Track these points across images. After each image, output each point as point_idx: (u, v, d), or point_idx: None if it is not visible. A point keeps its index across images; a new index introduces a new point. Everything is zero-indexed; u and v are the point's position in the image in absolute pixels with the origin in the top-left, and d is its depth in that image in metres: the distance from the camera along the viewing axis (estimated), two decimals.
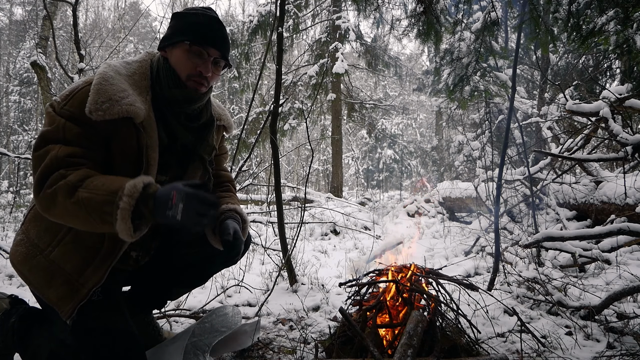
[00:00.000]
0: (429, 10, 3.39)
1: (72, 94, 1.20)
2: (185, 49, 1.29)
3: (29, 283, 1.26)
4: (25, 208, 7.74)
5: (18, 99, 20.75)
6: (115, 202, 1.06)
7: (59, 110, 1.19)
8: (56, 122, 1.17)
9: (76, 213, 1.10)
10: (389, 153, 18.01)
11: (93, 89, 1.18)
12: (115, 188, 1.08)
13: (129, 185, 1.07)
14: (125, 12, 22.52)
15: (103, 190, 1.08)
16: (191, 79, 1.31)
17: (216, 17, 1.35)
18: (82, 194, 1.08)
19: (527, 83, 10.08)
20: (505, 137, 2.74)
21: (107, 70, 1.24)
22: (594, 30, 2.82)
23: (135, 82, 1.28)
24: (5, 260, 3.20)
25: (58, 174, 1.12)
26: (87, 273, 1.22)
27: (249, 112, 3.61)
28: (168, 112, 1.32)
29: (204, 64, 1.31)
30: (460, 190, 6.36)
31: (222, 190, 1.63)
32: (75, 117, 1.17)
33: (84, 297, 1.20)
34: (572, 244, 2.97)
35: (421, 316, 1.50)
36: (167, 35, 1.34)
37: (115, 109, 1.17)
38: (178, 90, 1.30)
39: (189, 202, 1.06)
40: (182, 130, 1.35)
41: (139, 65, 1.33)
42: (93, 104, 1.16)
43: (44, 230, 1.27)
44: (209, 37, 1.30)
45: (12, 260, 1.31)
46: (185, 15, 1.34)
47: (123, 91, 1.21)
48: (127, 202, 1.06)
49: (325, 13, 10.97)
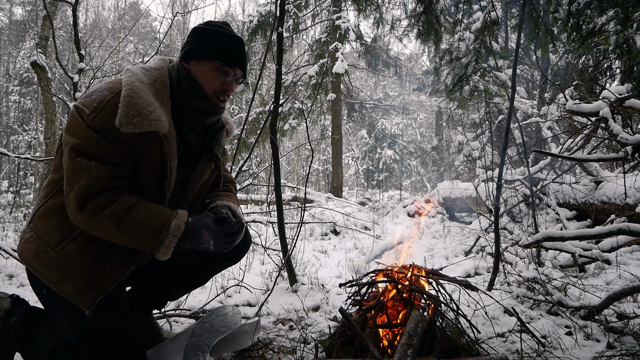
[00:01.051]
0: (428, 10, 3.40)
1: (101, 105, 1.21)
2: (215, 67, 1.35)
3: (44, 278, 1.26)
4: (25, 208, 7.73)
5: (18, 99, 20.75)
6: (160, 238, 1.23)
7: (89, 122, 1.20)
8: (87, 136, 1.20)
9: (119, 239, 1.24)
10: (389, 153, 18.01)
11: (123, 102, 1.20)
12: (159, 225, 1.24)
13: (174, 225, 1.24)
14: (125, 12, 22.53)
15: (147, 225, 1.23)
16: (216, 95, 1.37)
17: (240, 37, 1.42)
18: (128, 226, 1.21)
19: (527, 83, 10.08)
20: (505, 137, 2.74)
21: (133, 81, 1.26)
22: (594, 30, 2.82)
23: (157, 90, 1.32)
24: (5, 260, 3.20)
25: (100, 200, 1.20)
26: (105, 267, 1.25)
27: (249, 112, 3.62)
28: (186, 121, 1.37)
29: (229, 84, 1.39)
30: (460, 190, 6.36)
31: (223, 189, 1.65)
32: (106, 131, 1.20)
33: (106, 289, 1.24)
34: (572, 244, 2.97)
35: (421, 316, 1.50)
36: (192, 49, 1.37)
37: (144, 124, 1.21)
38: (202, 102, 1.36)
39: (218, 239, 1.30)
40: (195, 138, 1.41)
41: (158, 72, 1.36)
42: (124, 117, 1.19)
43: (54, 227, 1.28)
44: (237, 58, 1.38)
45: (23, 258, 1.31)
46: (211, 33, 1.37)
47: (150, 104, 1.25)
48: (172, 240, 1.24)
49: (325, 13, 10.97)
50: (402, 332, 1.47)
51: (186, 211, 1.30)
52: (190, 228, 1.27)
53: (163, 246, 1.23)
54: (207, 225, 1.28)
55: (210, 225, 1.29)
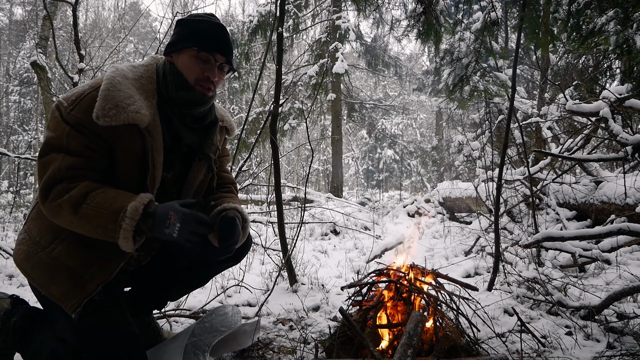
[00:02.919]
0: (428, 10, 3.40)
1: (79, 98, 1.22)
2: (193, 55, 1.33)
3: (32, 280, 1.27)
4: (25, 208, 7.73)
5: (18, 99, 20.74)
6: (118, 222, 1.15)
7: (65, 115, 1.21)
8: (60, 129, 1.20)
9: (81, 226, 1.19)
10: (389, 153, 18.01)
11: (101, 95, 1.20)
12: (117, 208, 1.16)
13: (131, 207, 1.16)
14: (125, 12, 22.52)
15: (105, 209, 1.16)
16: (199, 83, 1.35)
17: (221, 24, 1.39)
18: (86, 210, 1.16)
19: (527, 83, 10.08)
20: (505, 137, 2.74)
21: (115, 75, 1.26)
22: (594, 30, 2.82)
23: (142, 85, 1.31)
24: (5, 260, 3.20)
25: (61, 187, 1.18)
26: (92, 270, 1.24)
27: (249, 112, 3.62)
28: (174, 115, 1.35)
29: (211, 70, 1.35)
30: (460, 190, 6.35)
31: (224, 191, 1.63)
32: (81, 124, 1.20)
33: (91, 292, 1.22)
34: (572, 244, 2.97)
35: (421, 316, 1.50)
36: (173, 41, 1.37)
37: (121, 116, 1.20)
38: (186, 92, 1.34)
39: (185, 222, 1.18)
40: (187, 131, 1.38)
41: (146, 69, 1.36)
42: (100, 109, 1.19)
43: (46, 228, 1.28)
44: (215, 43, 1.35)
45: (15, 259, 1.32)
46: (190, 22, 1.37)
47: (129, 97, 1.23)
48: (129, 224, 1.15)
49: (325, 13, 10.96)
50: (402, 332, 1.47)
51: (150, 195, 1.22)
52: (154, 209, 1.19)
53: (121, 230, 1.14)
54: (174, 207, 1.19)
55: (178, 207, 1.20)
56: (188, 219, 1.19)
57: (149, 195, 1.22)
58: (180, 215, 1.18)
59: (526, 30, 3.20)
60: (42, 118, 15.67)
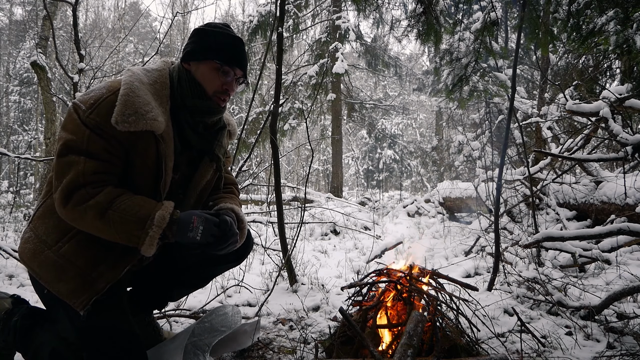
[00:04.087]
0: (428, 10, 3.40)
1: (98, 102, 1.22)
2: (215, 67, 1.36)
3: (40, 278, 1.27)
4: (25, 208, 7.73)
5: (18, 99, 20.75)
6: (145, 229, 1.19)
7: (84, 118, 1.21)
8: (80, 132, 1.21)
9: (105, 231, 1.21)
10: (389, 153, 18.02)
11: (120, 100, 1.21)
12: (144, 215, 1.20)
13: (158, 215, 1.21)
14: (125, 12, 22.52)
15: (132, 216, 1.20)
16: (217, 95, 1.38)
17: (240, 38, 1.43)
18: (112, 217, 1.19)
19: (527, 83, 10.08)
20: (505, 137, 2.74)
21: (133, 80, 1.27)
22: (594, 30, 2.82)
23: (156, 90, 1.32)
24: (5, 260, 3.20)
25: (85, 193, 1.19)
26: (100, 268, 1.25)
27: (249, 112, 3.62)
28: (186, 121, 1.37)
29: (230, 83, 1.39)
30: (460, 190, 6.36)
31: (225, 191, 1.64)
32: (100, 128, 1.21)
33: (101, 290, 1.23)
34: (572, 244, 2.97)
35: (421, 316, 1.50)
36: (193, 50, 1.38)
37: (140, 123, 1.21)
38: (202, 102, 1.36)
39: (208, 225, 1.26)
40: (196, 138, 1.41)
41: (159, 74, 1.37)
42: (120, 115, 1.20)
43: (52, 227, 1.28)
44: (237, 58, 1.39)
45: (21, 258, 1.32)
46: (211, 34, 1.39)
47: (147, 104, 1.25)
48: (156, 231, 1.20)
49: (325, 13, 10.97)
50: (402, 332, 1.47)
51: (173, 202, 1.27)
52: (177, 215, 1.24)
53: (147, 237, 1.19)
54: (195, 212, 1.27)
55: (199, 212, 1.28)
56: (209, 222, 1.27)
57: (172, 203, 1.26)
58: (203, 219, 1.26)
59: (526, 30, 3.20)
60: (42, 118, 15.67)
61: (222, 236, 1.33)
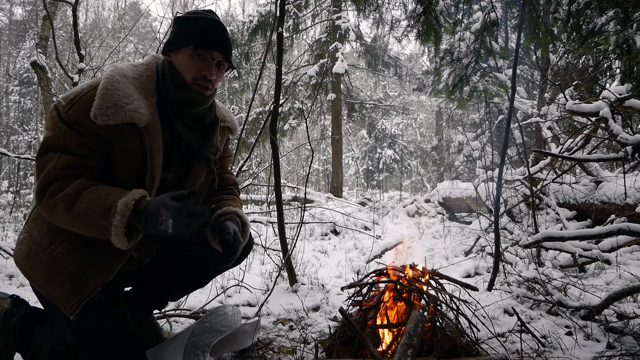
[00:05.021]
0: (428, 10, 3.40)
1: (77, 98, 1.22)
2: (190, 53, 1.31)
3: (32, 281, 1.27)
4: (25, 208, 7.73)
5: (18, 99, 20.74)
6: (109, 218, 1.13)
7: (63, 114, 1.21)
8: (57, 129, 1.20)
9: (76, 224, 1.18)
10: (389, 153, 18.00)
11: (99, 94, 1.20)
12: (108, 204, 1.14)
13: (121, 203, 1.14)
14: (125, 12, 22.52)
15: (97, 206, 1.14)
16: (196, 82, 1.33)
17: (218, 20, 1.37)
18: (79, 208, 1.15)
19: (527, 83, 10.08)
20: (505, 137, 2.74)
21: (114, 74, 1.26)
22: (594, 30, 2.82)
23: (141, 84, 1.30)
24: (5, 260, 3.20)
25: (56, 186, 1.17)
26: (91, 271, 1.23)
27: (249, 112, 3.62)
28: (173, 114, 1.34)
29: (208, 68, 1.33)
30: (460, 190, 6.36)
31: (226, 193, 1.63)
32: (78, 123, 1.20)
33: (90, 294, 1.22)
34: (572, 244, 2.97)
35: (421, 316, 1.50)
36: (170, 40, 1.36)
37: (119, 115, 1.19)
38: (183, 92, 1.33)
39: (178, 218, 1.12)
40: (186, 131, 1.37)
41: (146, 67, 1.35)
42: (98, 109, 1.18)
43: (46, 228, 1.28)
44: (212, 41, 1.32)
45: (15, 259, 1.32)
46: (187, 20, 1.35)
47: (128, 96, 1.23)
48: (120, 220, 1.13)
49: (325, 13, 10.96)
50: (402, 332, 1.47)
51: (143, 190, 1.19)
52: (145, 206, 1.16)
53: (112, 227, 1.12)
54: (165, 203, 1.13)
55: (169, 202, 1.13)
56: (180, 214, 1.12)
57: (141, 191, 1.19)
58: (172, 211, 1.12)
59: (526, 30, 3.20)
60: (42, 118, 15.67)
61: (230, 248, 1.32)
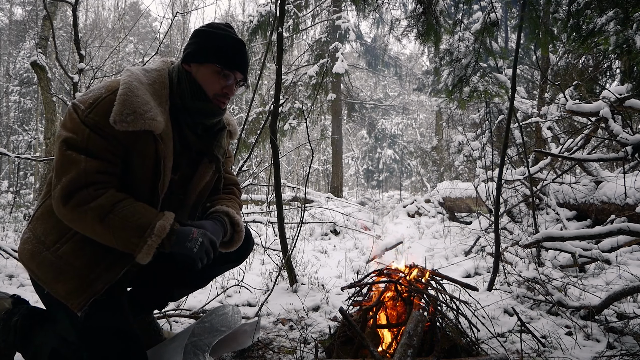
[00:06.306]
0: (428, 10, 3.40)
1: (97, 102, 1.23)
2: (216, 71, 1.36)
3: (38, 279, 1.27)
4: (25, 208, 7.73)
5: (18, 99, 20.74)
6: (144, 237, 1.19)
7: (83, 117, 1.21)
8: (80, 131, 1.21)
9: (103, 234, 1.20)
10: (389, 153, 18.02)
11: (119, 100, 1.21)
12: (144, 223, 1.21)
13: (159, 225, 1.22)
14: (125, 12, 22.51)
15: (132, 223, 1.20)
16: (217, 97, 1.38)
17: (241, 40, 1.42)
18: (113, 222, 1.19)
19: (527, 83, 10.07)
20: (505, 137, 2.74)
21: (132, 80, 1.27)
22: (594, 30, 2.82)
23: (155, 91, 1.32)
24: (5, 260, 3.20)
25: (87, 193, 1.19)
26: (98, 270, 1.24)
27: (249, 112, 3.62)
28: (186, 122, 1.38)
29: (230, 87, 1.39)
30: (460, 190, 6.35)
31: (225, 192, 1.64)
32: (100, 127, 1.21)
33: (99, 291, 1.23)
34: (572, 244, 2.97)
35: (421, 316, 1.50)
36: (194, 51, 1.37)
37: (138, 122, 1.21)
38: (202, 104, 1.36)
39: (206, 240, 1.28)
40: (195, 140, 1.41)
41: (158, 74, 1.37)
42: (118, 114, 1.19)
43: (51, 228, 1.28)
44: (237, 62, 1.38)
45: (20, 258, 1.33)
46: (213, 36, 1.38)
47: (146, 104, 1.25)
48: (155, 241, 1.20)
49: (325, 13, 10.97)
50: (402, 332, 1.47)
51: (173, 214, 1.28)
52: (177, 226, 1.26)
53: (146, 245, 1.19)
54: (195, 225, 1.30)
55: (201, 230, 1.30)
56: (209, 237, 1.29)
57: (172, 214, 1.27)
58: (203, 233, 1.28)
59: (526, 30, 3.20)
60: (42, 118, 15.67)
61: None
